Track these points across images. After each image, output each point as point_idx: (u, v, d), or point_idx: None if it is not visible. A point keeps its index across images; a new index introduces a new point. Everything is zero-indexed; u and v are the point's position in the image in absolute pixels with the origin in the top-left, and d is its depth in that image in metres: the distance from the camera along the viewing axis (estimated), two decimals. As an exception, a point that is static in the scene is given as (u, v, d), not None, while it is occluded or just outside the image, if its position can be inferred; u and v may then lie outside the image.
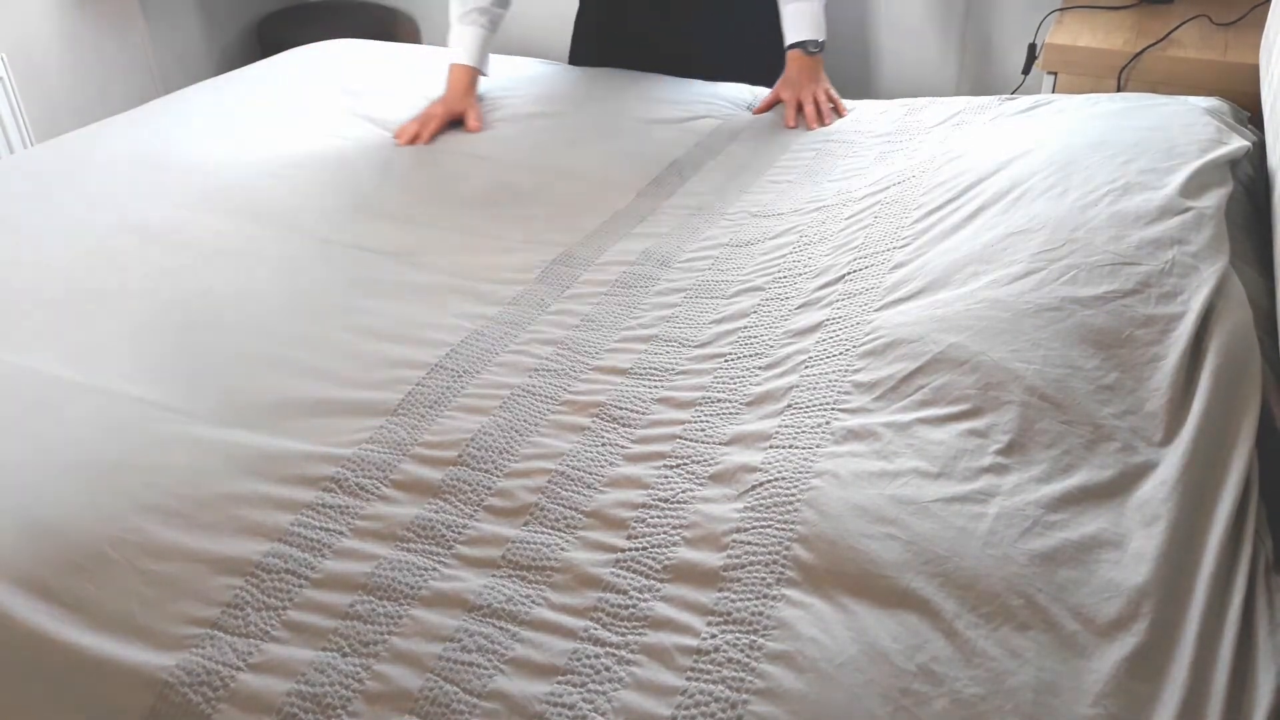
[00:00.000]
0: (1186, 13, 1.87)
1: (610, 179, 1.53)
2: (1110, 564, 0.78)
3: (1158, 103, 1.41)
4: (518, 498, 0.91)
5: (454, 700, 0.73)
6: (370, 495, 0.91)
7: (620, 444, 0.97)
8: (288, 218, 1.39)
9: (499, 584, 0.82)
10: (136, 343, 1.11)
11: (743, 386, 1.04)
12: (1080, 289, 1.01)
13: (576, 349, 1.12)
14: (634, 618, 0.78)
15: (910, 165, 1.44)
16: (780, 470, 0.89)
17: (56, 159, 1.58)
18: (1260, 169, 1.33)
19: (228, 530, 0.86)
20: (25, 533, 0.85)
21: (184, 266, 1.26)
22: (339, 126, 1.70)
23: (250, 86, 1.88)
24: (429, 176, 1.53)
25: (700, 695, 0.71)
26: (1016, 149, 1.30)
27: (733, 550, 0.82)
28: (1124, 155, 1.21)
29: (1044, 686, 0.70)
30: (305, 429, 0.98)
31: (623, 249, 1.34)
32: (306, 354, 1.09)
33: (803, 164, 1.59)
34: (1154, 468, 0.86)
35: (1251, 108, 1.47)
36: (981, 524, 0.80)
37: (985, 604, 0.75)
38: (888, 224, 1.28)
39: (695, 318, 1.18)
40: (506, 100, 1.81)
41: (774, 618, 0.76)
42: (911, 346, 1.00)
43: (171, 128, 1.68)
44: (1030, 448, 0.88)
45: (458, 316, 1.18)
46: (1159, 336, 0.97)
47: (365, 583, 0.82)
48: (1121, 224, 1.08)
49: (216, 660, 0.76)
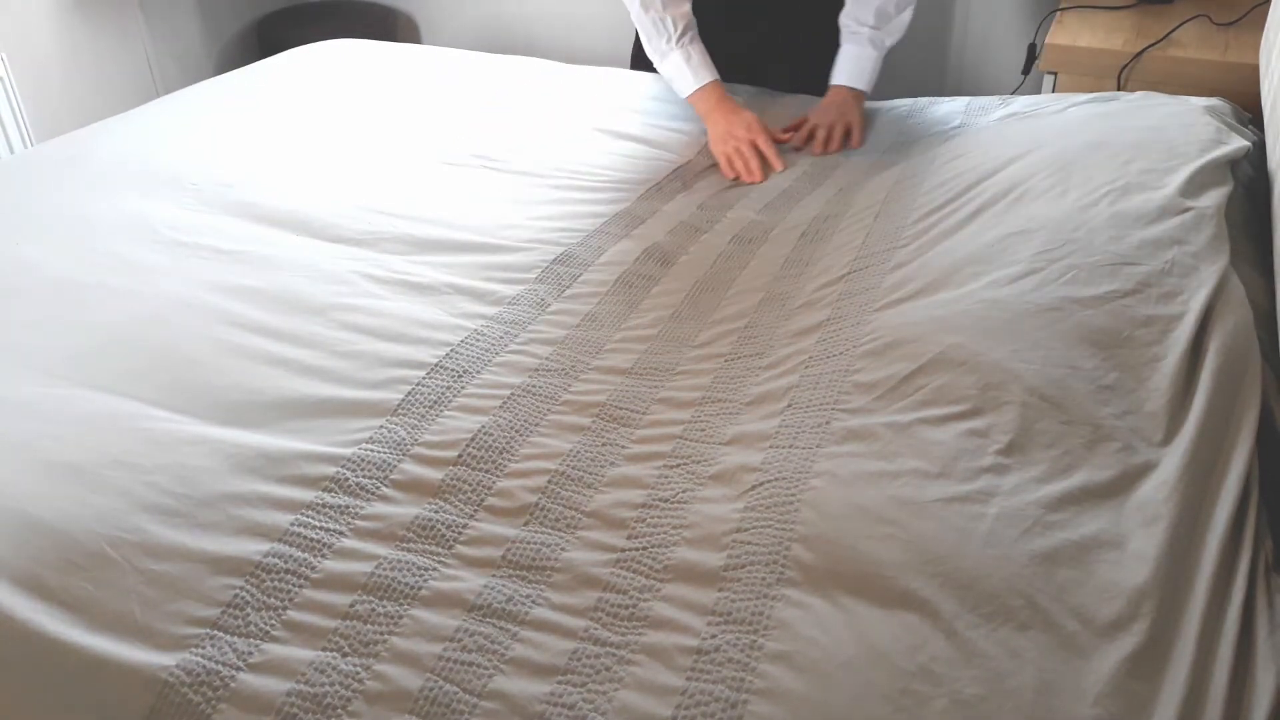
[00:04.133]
0: (1186, 13, 1.86)
1: (611, 179, 1.53)
2: (1110, 564, 0.78)
3: (1158, 103, 1.41)
4: (518, 498, 0.91)
5: (454, 700, 0.73)
6: (370, 495, 0.91)
7: (620, 444, 0.97)
8: (287, 217, 1.39)
9: (499, 584, 0.82)
10: (136, 342, 1.10)
11: (743, 386, 1.04)
12: (1080, 289, 1.01)
13: (576, 349, 1.12)
14: (634, 618, 0.78)
15: (911, 165, 1.44)
16: (780, 470, 0.89)
17: (56, 159, 1.58)
18: (1260, 169, 1.33)
19: (228, 530, 0.86)
20: (25, 532, 0.85)
21: (183, 266, 1.26)
22: (338, 126, 1.70)
23: (250, 86, 1.88)
24: (429, 176, 1.53)
25: (700, 695, 0.71)
26: (1016, 149, 1.30)
27: (733, 550, 0.82)
28: (1124, 155, 1.21)
29: (1044, 687, 0.70)
30: (305, 429, 0.98)
31: (623, 249, 1.34)
32: (307, 353, 1.09)
33: (803, 165, 1.59)
34: (1154, 468, 0.86)
35: (1251, 108, 1.47)
36: (981, 524, 0.80)
37: (985, 604, 0.75)
38: (888, 224, 1.28)
39: (695, 317, 1.18)
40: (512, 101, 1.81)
41: (774, 618, 0.76)
42: (911, 347, 1.00)
43: (171, 128, 1.68)
44: (1030, 448, 0.88)
45: (458, 316, 1.18)
46: (1159, 337, 0.97)
47: (365, 583, 0.82)
48: (1121, 224, 1.08)
49: (216, 660, 0.76)
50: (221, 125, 1.69)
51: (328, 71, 1.95)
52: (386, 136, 1.67)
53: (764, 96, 1.82)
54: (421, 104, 1.79)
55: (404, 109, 1.77)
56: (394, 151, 1.62)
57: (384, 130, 1.70)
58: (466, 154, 1.61)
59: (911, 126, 1.65)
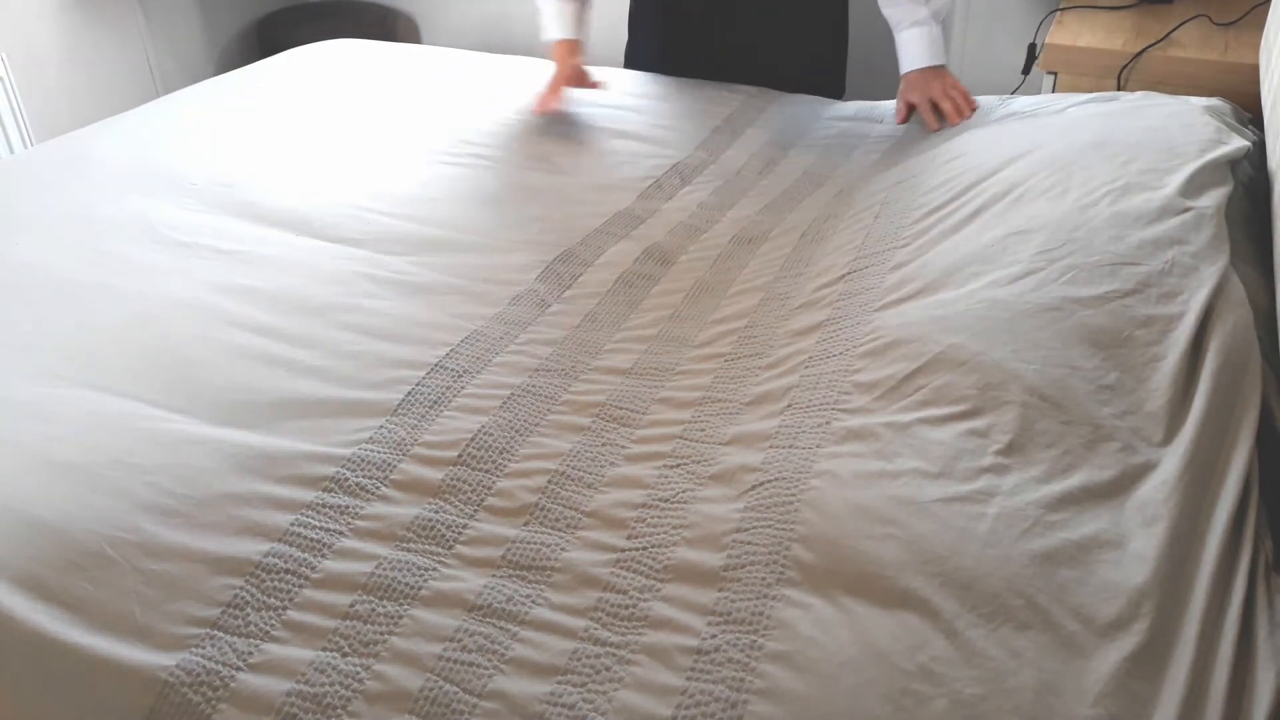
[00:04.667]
0: (1186, 13, 1.86)
1: (611, 179, 1.53)
2: (1110, 564, 0.78)
3: (1158, 103, 1.41)
4: (518, 498, 0.91)
5: (454, 700, 0.73)
6: (370, 495, 0.91)
7: (620, 444, 0.97)
8: (287, 217, 1.39)
9: (499, 584, 0.82)
10: (136, 342, 1.10)
11: (743, 386, 1.04)
12: (1080, 289, 1.01)
13: (576, 349, 1.12)
14: (634, 618, 0.78)
15: (911, 165, 1.44)
16: (780, 470, 0.89)
17: (56, 159, 1.58)
18: (1260, 169, 1.33)
19: (228, 530, 0.86)
20: (24, 532, 0.85)
21: (183, 266, 1.26)
22: (338, 126, 1.70)
23: (250, 86, 1.88)
24: (429, 176, 1.53)
25: (700, 695, 0.71)
26: (1017, 149, 1.30)
27: (733, 550, 0.82)
28: (1124, 155, 1.21)
29: (1044, 686, 0.70)
30: (305, 429, 0.98)
31: (623, 249, 1.34)
32: (307, 353, 1.09)
33: (804, 165, 1.59)
34: (1154, 468, 0.86)
35: (1251, 108, 1.46)
36: (981, 524, 0.80)
37: (985, 604, 0.75)
38: (888, 224, 1.28)
39: (695, 317, 1.18)
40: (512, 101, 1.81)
41: (774, 618, 0.76)
42: (911, 346, 1.00)
43: (171, 128, 1.68)
44: (1030, 448, 0.88)
45: (458, 316, 1.18)
46: (1159, 336, 0.97)
47: (365, 583, 0.82)
48: (1121, 224, 1.08)
49: (216, 660, 0.76)
50: (221, 125, 1.69)
51: (327, 71, 1.95)
52: (386, 136, 1.67)
53: (764, 96, 1.83)
54: (421, 104, 1.79)
55: (404, 109, 1.77)
56: (394, 151, 1.62)
57: (384, 130, 1.70)
58: (466, 154, 1.61)
59: (912, 126, 1.65)
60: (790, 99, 1.82)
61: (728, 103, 1.81)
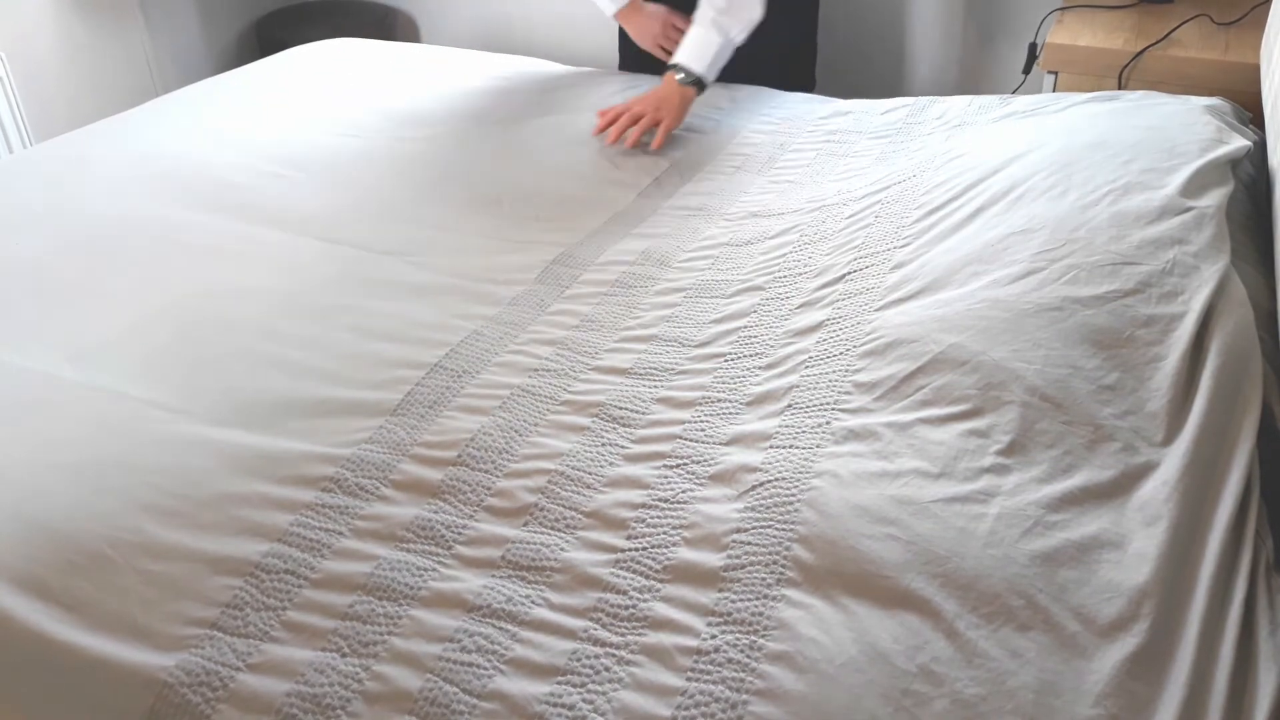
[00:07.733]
0: (1187, 12, 1.86)
1: (610, 179, 1.53)
2: (1111, 564, 0.78)
3: (1158, 102, 1.41)
4: (517, 498, 0.91)
5: (454, 700, 0.73)
6: (370, 495, 0.91)
7: (620, 444, 0.97)
8: (287, 217, 1.39)
9: (499, 584, 0.82)
10: (136, 342, 1.10)
11: (743, 386, 1.04)
12: (1081, 289, 1.01)
13: (576, 349, 1.12)
14: (634, 618, 0.78)
15: (911, 165, 1.43)
16: (780, 470, 0.89)
17: (56, 159, 1.58)
18: (1261, 169, 1.33)
19: (227, 530, 0.86)
20: (24, 532, 0.85)
21: (183, 266, 1.26)
22: (338, 126, 1.70)
23: (249, 86, 1.88)
24: (429, 176, 1.53)
25: (700, 695, 0.71)
26: (1017, 149, 1.30)
27: (733, 550, 0.82)
28: (1124, 155, 1.21)
29: (1045, 687, 0.70)
30: (305, 429, 0.98)
31: (622, 249, 1.34)
32: (306, 354, 1.09)
33: (803, 164, 1.59)
34: (1155, 468, 0.86)
35: (1252, 108, 1.46)
36: (982, 524, 0.80)
37: (986, 604, 0.75)
38: (888, 223, 1.28)
39: (695, 317, 1.18)
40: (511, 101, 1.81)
41: (774, 618, 0.75)
42: (912, 346, 1.00)
43: (170, 127, 1.68)
44: (1031, 448, 0.88)
45: (458, 316, 1.18)
46: (1160, 336, 0.96)
47: (365, 583, 0.82)
48: (1122, 224, 1.08)
49: (216, 660, 0.76)
50: (221, 125, 1.69)
51: (327, 71, 1.95)
52: (386, 136, 1.67)
53: (762, 96, 1.83)
54: (421, 104, 1.79)
55: (403, 109, 1.77)
56: (394, 151, 1.62)
57: (384, 130, 1.70)
58: (466, 153, 1.60)
59: (911, 126, 1.65)
60: (788, 97, 1.83)
61: (732, 101, 1.81)
